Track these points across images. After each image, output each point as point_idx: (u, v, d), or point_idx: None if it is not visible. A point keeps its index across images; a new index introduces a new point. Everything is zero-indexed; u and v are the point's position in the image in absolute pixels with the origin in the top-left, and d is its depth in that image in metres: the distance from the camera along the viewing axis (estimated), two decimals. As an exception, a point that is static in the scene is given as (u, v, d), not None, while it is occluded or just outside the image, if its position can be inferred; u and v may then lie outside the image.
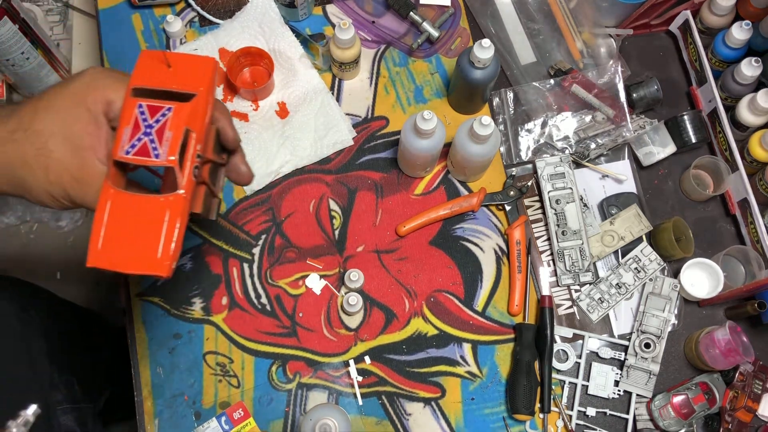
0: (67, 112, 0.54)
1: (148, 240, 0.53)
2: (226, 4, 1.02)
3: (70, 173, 0.54)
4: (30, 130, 0.54)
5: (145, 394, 0.85)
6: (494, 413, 0.87)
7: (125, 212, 0.53)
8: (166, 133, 0.52)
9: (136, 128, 0.52)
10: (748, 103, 0.91)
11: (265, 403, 0.86)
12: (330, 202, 0.94)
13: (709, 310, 0.93)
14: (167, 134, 0.52)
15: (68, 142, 0.54)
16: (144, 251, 0.53)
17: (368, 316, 0.89)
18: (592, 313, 0.90)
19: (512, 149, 0.97)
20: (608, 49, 1.00)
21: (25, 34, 0.99)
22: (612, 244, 0.92)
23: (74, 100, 0.54)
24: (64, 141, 0.53)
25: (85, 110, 0.54)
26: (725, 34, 0.94)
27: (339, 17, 1.02)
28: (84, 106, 0.54)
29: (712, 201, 0.97)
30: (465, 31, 1.02)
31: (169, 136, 0.52)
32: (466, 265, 0.92)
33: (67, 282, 1.63)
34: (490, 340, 0.90)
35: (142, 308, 0.88)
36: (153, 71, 0.55)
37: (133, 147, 0.52)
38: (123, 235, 0.53)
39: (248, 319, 0.88)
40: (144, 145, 0.52)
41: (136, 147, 0.52)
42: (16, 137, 0.54)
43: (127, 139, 0.52)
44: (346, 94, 0.99)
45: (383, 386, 0.87)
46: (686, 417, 0.84)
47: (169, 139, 0.52)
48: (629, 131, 0.96)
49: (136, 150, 0.52)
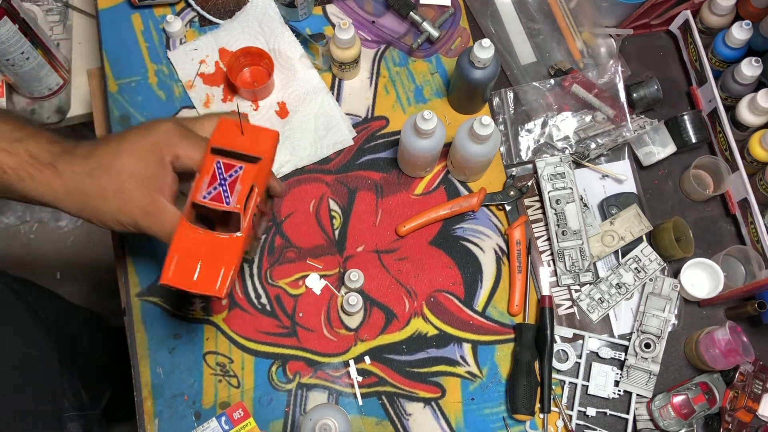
0: (146, 159, 0.66)
1: (211, 269, 0.66)
2: (226, 4, 1.02)
3: (141, 208, 0.66)
4: (111, 169, 0.65)
5: (145, 394, 0.85)
6: (494, 413, 0.87)
7: (195, 244, 0.66)
8: (236, 186, 0.66)
9: (213, 179, 0.66)
10: (748, 103, 0.91)
11: (265, 403, 0.86)
12: (330, 202, 0.94)
13: (709, 310, 0.93)
14: (237, 187, 0.66)
15: (143, 183, 0.65)
16: (207, 277, 0.66)
17: (368, 316, 0.89)
18: (592, 313, 0.90)
19: (512, 149, 0.97)
20: (608, 49, 1.00)
21: (25, 34, 0.99)
22: (612, 244, 0.92)
23: (152, 150, 0.66)
24: (140, 182, 0.65)
25: (159, 159, 0.66)
26: (725, 34, 0.94)
27: (339, 17, 1.02)
28: (159, 155, 0.66)
29: (712, 201, 0.97)
30: (465, 31, 1.02)
31: (238, 188, 0.66)
32: (466, 265, 0.92)
33: (67, 282, 1.64)
34: (490, 340, 0.90)
35: (142, 308, 0.88)
36: (229, 135, 0.68)
37: (209, 194, 0.66)
38: (191, 262, 0.66)
39: (248, 319, 0.88)
40: (218, 194, 0.66)
41: (212, 194, 0.66)
42: (97, 174, 0.65)
43: (205, 187, 0.66)
44: (346, 94, 0.99)
45: (383, 386, 0.87)
46: (686, 417, 0.84)
47: (238, 191, 0.66)
48: (629, 131, 0.96)
49: (212, 196, 0.66)
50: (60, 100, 1.14)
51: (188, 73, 0.98)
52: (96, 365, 1.17)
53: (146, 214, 0.66)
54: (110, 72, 0.98)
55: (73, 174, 0.65)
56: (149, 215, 0.66)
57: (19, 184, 0.64)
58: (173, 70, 0.98)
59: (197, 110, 0.96)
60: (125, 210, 0.66)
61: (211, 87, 0.97)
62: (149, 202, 0.66)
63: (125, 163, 0.65)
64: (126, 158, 0.65)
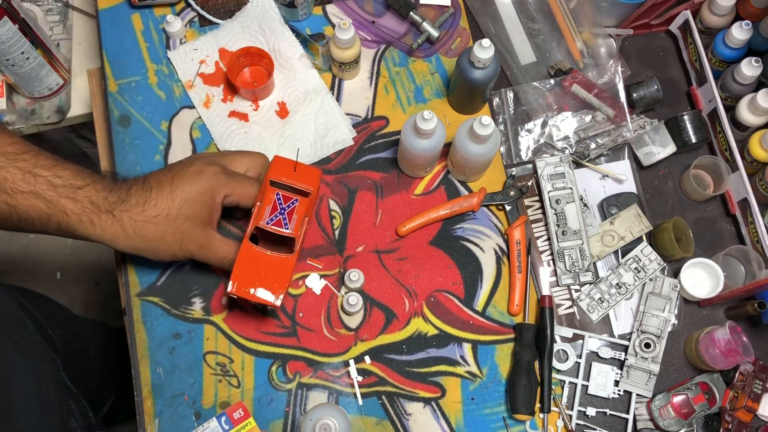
0: (200, 204, 0.77)
1: (268, 282, 0.78)
2: (226, 4, 1.02)
3: (197, 243, 0.78)
4: (169, 216, 0.75)
5: (145, 394, 0.85)
6: (494, 413, 0.87)
7: (256, 261, 0.79)
8: (294, 216, 0.80)
9: (274, 209, 0.80)
10: (748, 103, 0.91)
11: (265, 403, 0.86)
12: (330, 202, 0.94)
13: (709, 310, 0.93)
14: (294, 216, 0.80)
15: (198, 222, 0.77)
16: (265, 289, 0.78)
17: (368, 316, 0.89)
18: (592, 313, 0.90)
19: (512, 149, 0.97)
20: (608, 49, 1.00)
21: (25, 34, 0.99)
22: (612, 244, 0.92)
23: (206, 194, 0.77)
24: (195, 221, 0.77)
25: (211, 200, 0.78)
26: (725, 34, 0.94)
27: (339, 17, 1.02)
28: (212, 198, 0.78)
29: (712, 201, 0.97)
30: (465, 31, 1.02)
31: (295, 218, 0.80)
32: (466, 265, 0.92)
33: (67, 282, 1.64)
34: (490, 340, 0.90)
35: (142, 308, 0.88)
36: (283, 171, 0.81)
37: (271, 220, 0.79)
38: (252, 277, 0.78)
39: (248, 319, 0.88)
40: (279, 221, 0.79)
41: (273, 221, 0.79)
42: (157, 221, 0.75)
43: (267, 214, 0.80)
44: (346, 94, 0.99)
45: (383, 386, 0.87)
46: (686, 417, 0.84)
47: (295, 220, 0.80)
48: (629, 131, 0.96)
49: (273, 222, 0.79)
50: (60, 100, 1.14)
51: (188, 73, 0.98)
52: (102, 373, 1.17)
53: (201, 248, 0.78)
54: (110, 72, 0.98)
55: (132, 221, 0.74)
56: (204, 248, 0.78)
57: (79, 227, 0.73)
58: (173, 70, 0.98)
59: (197, 110, 0.96)
60: (184, 248, 0.77)
61: (211, 87, 0.97)
62: (204, 238, 0.78)
63: (183, 210, 0.76)
64: (183, 206, 0.76)
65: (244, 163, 0.83)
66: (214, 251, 0.79)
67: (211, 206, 0.78)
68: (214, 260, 0.80)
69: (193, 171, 0.78)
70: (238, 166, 0.82)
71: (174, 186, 0.76)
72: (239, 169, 0.82)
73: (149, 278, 0.89)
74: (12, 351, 0.85)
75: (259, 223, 0.79)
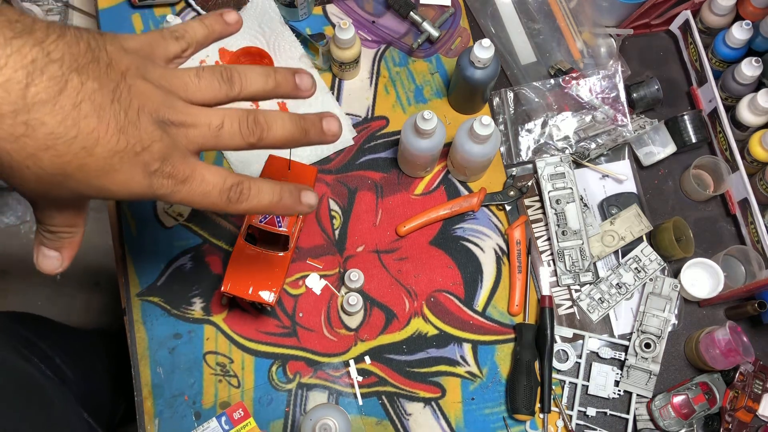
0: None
1: (263, 280, 0.79)
2: (226, 4, 1.02)
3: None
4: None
5: (145, 394, 0.85)
6: (494, 413, 0.87)
7: (249, 259, 0.79)
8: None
9: None
10: (749, 103, 0.91)
11: (265, 403, 0.86)
12: (330, 202, 0.94)
13: (709, 310, 0.93)
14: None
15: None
16: (260, 288, 0.79)
17: (368, 316, 0.89)
18: (592, 313, 0.90)
19: (512, 149, 0.97)
20: (608, 49, 1.00)
21: (25, 34, 0.99)
22: (612, 244, 0.92)
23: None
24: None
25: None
26: (725, 34, 0.94)
27: (339, 17, 1.02)
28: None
29: (712, 201, 0.97)
30: (465, 31, 1.02)
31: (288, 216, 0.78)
32: (466, 265, 0.92)
33: (67, 282, 1.63)
34: (490, 340, 0.90)
35: (141, 308, 0.88)
36: (277, 170, 0.81)
37: (264, 219, 0.79)
38: (247, 273, 0.79)
39: (248, 319, 0.88)
40: (272, 219, 0.79)
41: (266, 219, 0.79)
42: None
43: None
44: (346, 94, 0.99)
45: (383, 386, 0.87)
46: (686, 417, 0.84)
47: (288, 218, 0.79)
48: (629, 131, 0.96)
49: (267, 221, 0.79)
50: (60, 100, 1.14)
51: (188, 73, 0.98)
52: (112, 384, 1.14)
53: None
54: (110, 72, 0.98)
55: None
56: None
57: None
58: (173, 70, 0.98)
59: (197, 110, 0.96)
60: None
61: (211, 87, 0.97)
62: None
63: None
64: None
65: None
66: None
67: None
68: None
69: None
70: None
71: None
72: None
73: (149, 278, 0.89)
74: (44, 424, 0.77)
75: (252, 221, 0.79)
